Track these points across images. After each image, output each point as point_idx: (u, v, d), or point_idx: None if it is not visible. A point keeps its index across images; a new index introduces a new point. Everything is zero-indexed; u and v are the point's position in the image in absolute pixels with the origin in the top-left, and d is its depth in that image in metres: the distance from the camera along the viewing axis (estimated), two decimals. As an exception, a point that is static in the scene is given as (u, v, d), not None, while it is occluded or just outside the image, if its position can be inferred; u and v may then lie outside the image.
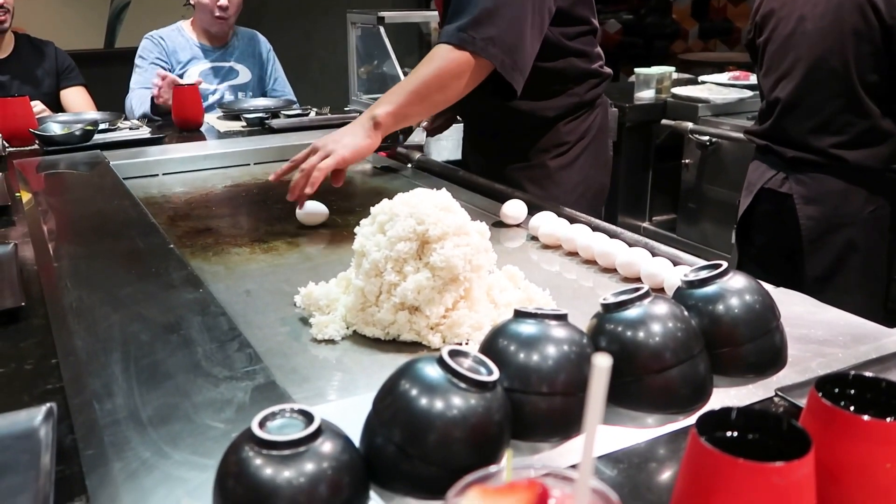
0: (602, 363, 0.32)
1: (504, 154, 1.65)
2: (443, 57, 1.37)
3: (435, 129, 1.86)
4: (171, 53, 2.62)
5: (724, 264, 0.79)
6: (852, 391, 0.54)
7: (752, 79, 3.32)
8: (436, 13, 3.31)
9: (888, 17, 1.72)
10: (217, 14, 2.55)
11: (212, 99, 2.60)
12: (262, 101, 2.50)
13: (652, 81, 3.07)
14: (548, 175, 1.62)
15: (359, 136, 1.36)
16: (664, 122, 2.94)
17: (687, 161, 2.86)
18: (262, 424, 0.54)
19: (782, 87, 1.88)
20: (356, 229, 0.96)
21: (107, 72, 3.01)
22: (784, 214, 1.89)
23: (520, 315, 0.69)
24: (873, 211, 1.83)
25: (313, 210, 1.37)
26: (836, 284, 1.84)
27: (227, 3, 2.55)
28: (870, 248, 1.85)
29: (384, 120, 1.36)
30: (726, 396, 0.73)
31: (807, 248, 1.85)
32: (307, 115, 2.22)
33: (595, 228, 1.21)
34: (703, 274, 0.78)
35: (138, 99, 2.47)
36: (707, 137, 2.76)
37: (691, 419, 0.69)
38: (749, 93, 3.01)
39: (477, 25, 1.36)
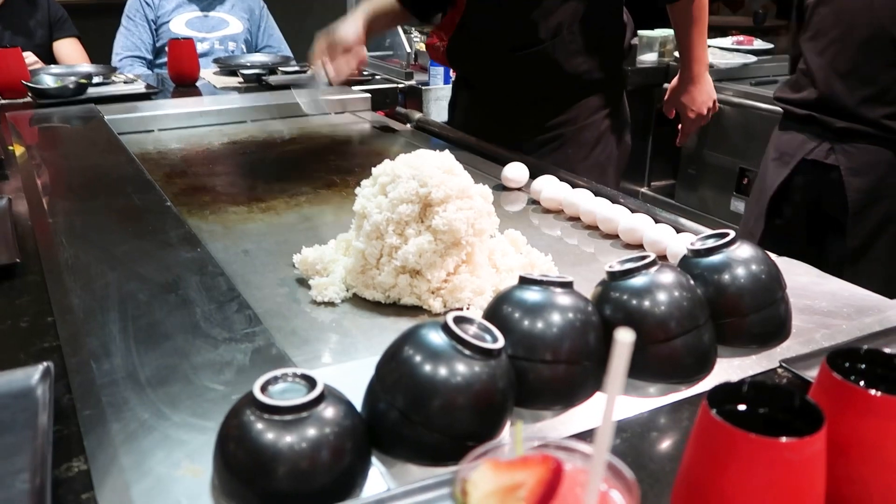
0: (625, 338, 0.31)
1: (535, 116, 1.62)
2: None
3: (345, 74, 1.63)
4: (157, 6, 2.59)
5: (732, 233, 0.78)
6: (863, 366, 0.53)
7: (757, 44, 3.28)
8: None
9: None
10: None
11: (199, 48, 2.55)
12: (258, 57, 2.46)
13: (655, 44, 3.03)
14: (581, 135, 1.63)
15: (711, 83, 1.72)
16: (666, 85, 2.90)
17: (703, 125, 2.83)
18: (263, 389, 0.54)
19: (833, 54, 1.81)
20: (357, 190, 0.95)
21: (99, 23, 2.95)
22: (826, 186, 1.84)
23: (525, 282, 0.68)
24: None
25: None
26: (872, 255, 1.83)
27: None
28: None
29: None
30: (730, 367, 0.72)
31: (851, 220, 1.81)
32: (305, 71, 2.19)
33: (597, 193, 1.20)
34: (710, 243, 0.77)
35: (128, 70, 2.45)
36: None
37: (694, 389, 0.69)
38: (753, 58, 2.98)
39: None
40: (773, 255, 0.96)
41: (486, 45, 1.59)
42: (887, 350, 0.53)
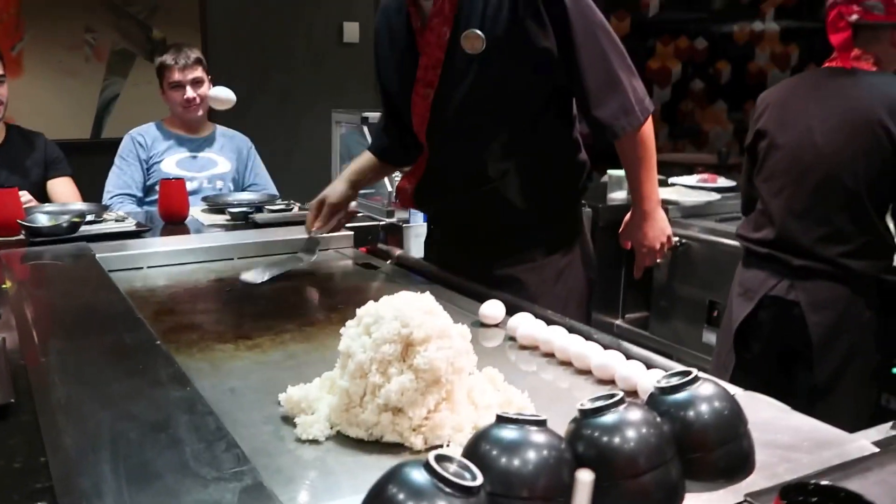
0: (584, 478, 0.36)
1: (496, 252, 1.71)
2: (650, 135, 1.64)
3: (335, 229, 1.91)
4: (150, 147, 2.72)
5: (694, 371, 0.83)
6: (815, 499, 0.57)
7: (720, 181, 3.45)
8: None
9: None
10: (184, 105, 2.71)
11: (188, 186, 2.66)
12: (245, 195, 2.56)
13: (624, 182, 3.18)
14: (548, 267, 1.70)
15: (664, 219, 1.75)
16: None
17: (658, 260, 2.94)
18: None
19: (789, 196, 1.93)
20: (342, 330, 1.00)
21: (92, 161, 3.07)
22: (789, 321, 1.92)
23: (501, 420, 0.72)
24: (870, 317, 1.89)
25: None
26: (841, 388, 1.88)
27: (193, 96, 2.69)
28: (867, 355, 1.91)
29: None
30: (698, 501, 0.76)
31: (816, 354, 1.88)
32: (290, 209, 2.28)
33: (571, 330, 1.25)
34: (675, 381, 0.82)
35: (119, 207, 2.54)
36: (677, 238, 2.85)
37: (665, 524, 0.72)
38: (716, 195, 3.14)
39: (634, 94, 1.58)
40: (739, 390, 1.02)
41: (446, 185, 1.72)
42: (834, 484, 0.57)
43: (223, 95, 1.71)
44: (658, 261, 1.82)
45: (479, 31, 1.53)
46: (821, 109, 1.89)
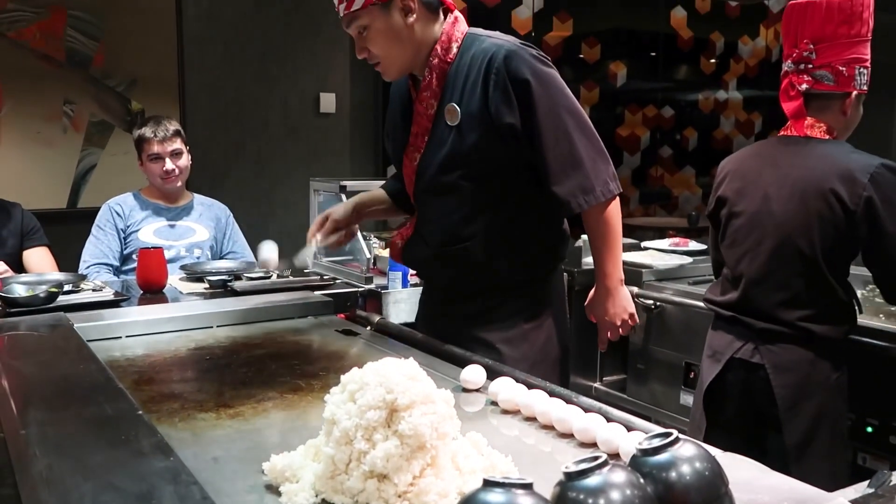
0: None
1: (472, 313, 1.77)
2: (614, 216, 1.72)
3: (332, 244, 1.99)
4: (127, 217, 2.73)
5: (675, 433, 0.85)
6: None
7: (692, 245, 3.52)
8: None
9: (850, 204, 1.84)
10: (163, 177, 2.74)
11: (166, 254, 2.66)
12: (224, 263, 2.57)
13: (598, 247, 3.24)
14: (522, 335, 1.75)
15: (626, 297, 1.80)
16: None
17: (621, 334, 2.97)
18: None
19: (749, 262, 1.98)
20: (326, 397, 1.00)
21: (68, 230, 3.07)
22: (756, 384, 1.95)
23: (488, 484, 0.73)
24: (837, 379, 1.92)
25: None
26: (814, 451, 1.89)
27: (172, 167, 2.72)
28: (836, 415, 1.93)
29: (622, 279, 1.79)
30: (683, 562, 0.77)
31: (783, 417, 1.90)
32: (269, 277, 2.29)
33: (552, 394, 1.27)
34: (656, 442, 0.84)
35: (95, 276, 2.54)
36: (652, 301, 2.89)
37: (651, 586, 0.73)
38: (689, 259, 3.20)
39: (596, 175, 1.67)
40: (717, 451, 1.03)
41: (427, 243, 1.80)
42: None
43: (270, 257, 2.14)
44: (621, 335, 1.86)
45: (455, 105, 1.68)
46: (776, 177, 1.96)
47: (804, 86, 1.95)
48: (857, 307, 1.98)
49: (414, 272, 2.34)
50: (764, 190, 1.97)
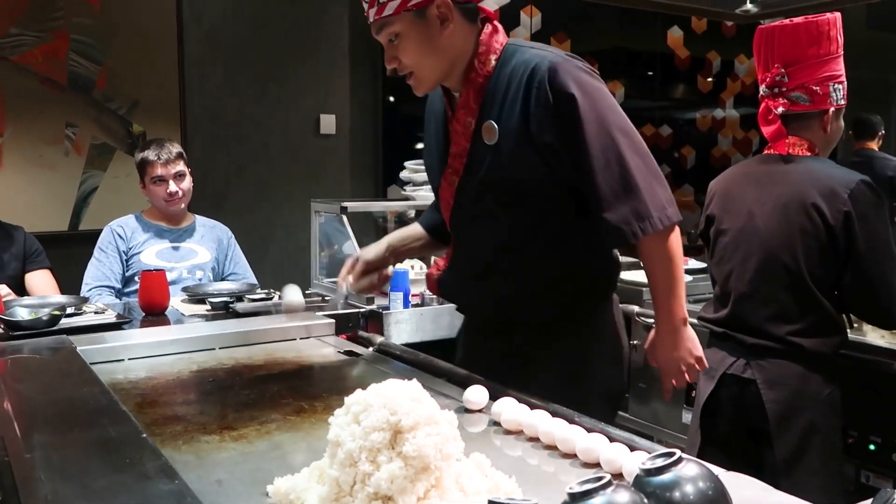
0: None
1: (513, 344, 1.67)
2: (675, 246, 1.54)
3: (365, 288, 1.85)
4: (129, 239, 2.74)
5: (678, 452, 0.86)
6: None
7: (692, 263, 3.53)
8: (392, 203, 3.52)
9: (831, 218, 1.87)
10: (167, 199, 2.76)
11: (168, 276, 2.67)
12: (225, 285, 2.58)
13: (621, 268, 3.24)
14: (568, 376, 1.61)
15: (692, 338, 1.61)
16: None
17: (635, 342, 2.97)
18: None
19: (736, 278, 2.01)
20: (330, 419, 1.01)
21: (70, 252, 3.08)
22: (748, 399, 1.96)
23: (493, 505, 0.73)
24: (829, 394, 1.93)
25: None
26: (804, 465, 1.90)
27: (176, 190, 2.74)
28: (829, 430, 1.94)
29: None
30: (688, 582, 0.77)
31: (774, 432, 1.90)
32: (271, 298, 2.30)
33: (554, 414, 1.27)
34: (660, 462, 0.84)
35: (97, 298, 2.55)
36: (653, 320, 2.89)
37: None
38: (688, 277, 3.20)
39: (653, 200, 1.51)
40: (720, 470, 1.04)
41: (462, 274, 1.72)
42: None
43: (295, 300, 2.14)
44: (688, 380, 1.67)
45: (493, 123, 1.55)
46: (760, 194, 1.99)
47: (780, 108, 1.98)
48: (847, 321, 1.99)
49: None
50: (748, 207, 2.01)
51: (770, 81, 1.98)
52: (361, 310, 2.39)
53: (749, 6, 3.65)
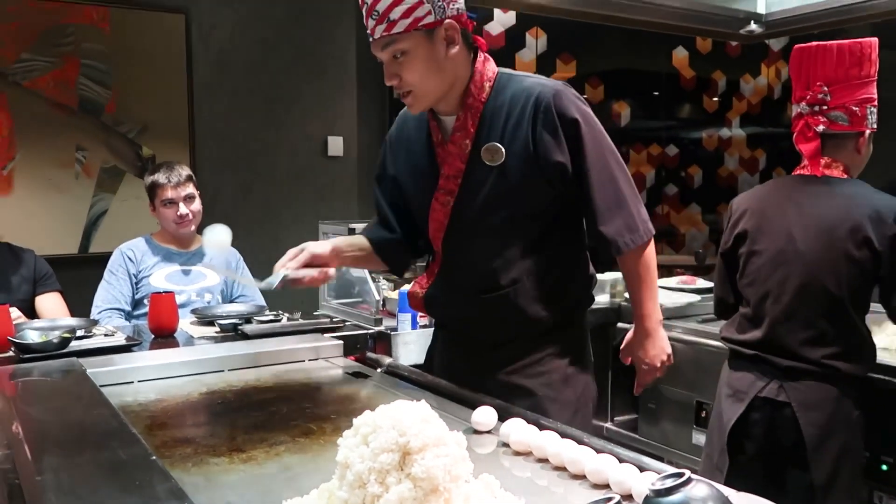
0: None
1: (503, 359, 1.75)
2: (651, 256, 1.72)
3: (302, 279, 1.79)
4: (139, 262, 2.76)
5: (687, 473, 0.86)
6: None
7: (699, 282, 3.53)
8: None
9: (878, 244, 1.87)
10: (177, 221, 2.77)
11: (177, 299, 2.68)
12: (234, 307, 2.59)
13: (606, 286, 3.24)
14: (564, 380, 1.74)
15: (664, 338, 1.79)
16: (620, 325, 3.09)
17: (658, 376, 2.96)
18: None
19: (773, 301, 1.98)
20: (339, 441, 1.01)
21: (80, 275, 3.10)
22: (780, 422, 1.94)
23: (503, 527, 0.73)
24: (858, 416, 1.92)
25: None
26: (838, 487, 1.88)
27: (186, 212, 2.75)
28: (857, 453, 1.93)
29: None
30: None
31: (811, 455, 1.88)
32: (279, 320, 2.30)
33: (563, 435, 1.27)
34: (669, 483, 0.84)
35: (107, 321, 2.55)
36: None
37: None
38: (696, 297, 3.20)
39: (638, 215, 1.68)
40: (731, 491, 1.03)
41: (458, 291, 1.77)
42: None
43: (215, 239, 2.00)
44: (658, 376, 1.84)
45: (499, 144, 1.64)
46: (800, 216, 1.97)
47: (821, 127, 1.98)
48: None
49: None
50: (787, 229, 1.98)
51: (811, 99, 1.98)
52: (370, 331, 2.39)
53: (753, 27, 3.67)
